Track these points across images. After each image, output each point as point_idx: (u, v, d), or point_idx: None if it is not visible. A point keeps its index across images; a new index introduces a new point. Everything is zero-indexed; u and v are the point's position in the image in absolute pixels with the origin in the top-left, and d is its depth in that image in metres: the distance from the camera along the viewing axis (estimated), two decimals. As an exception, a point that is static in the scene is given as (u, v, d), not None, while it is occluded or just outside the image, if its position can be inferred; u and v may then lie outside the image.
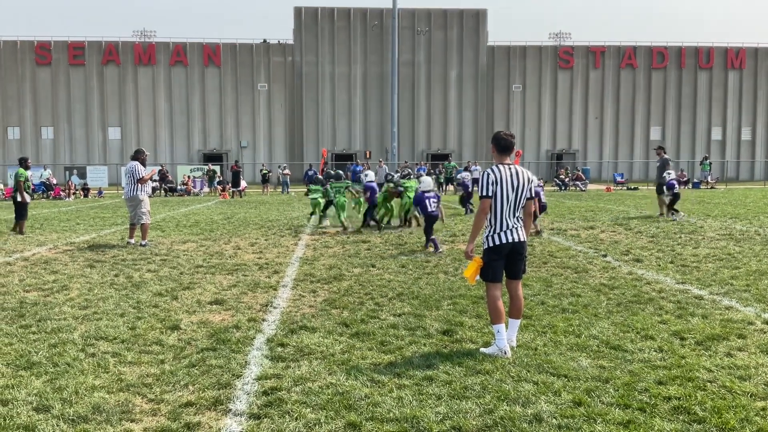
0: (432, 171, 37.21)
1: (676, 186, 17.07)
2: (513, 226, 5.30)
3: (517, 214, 5.33)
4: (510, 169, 5.29)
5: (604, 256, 10.38)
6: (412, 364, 4.93)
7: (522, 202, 5.31)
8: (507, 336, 5.25)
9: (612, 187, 38.15)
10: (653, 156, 53.85)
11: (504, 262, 5.35)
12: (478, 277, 5.38)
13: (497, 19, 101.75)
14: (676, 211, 16.76)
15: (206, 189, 36.52)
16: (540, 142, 54.57)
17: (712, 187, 39.27)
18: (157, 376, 4.73)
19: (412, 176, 16.01)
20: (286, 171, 38.00)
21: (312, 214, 17.02)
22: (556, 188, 37.88)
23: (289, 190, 36.39)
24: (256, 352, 5.28)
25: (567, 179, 38.57)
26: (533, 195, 5.44)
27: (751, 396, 4.26)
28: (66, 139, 51.40)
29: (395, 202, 15.73)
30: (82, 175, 40.13)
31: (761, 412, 3.99)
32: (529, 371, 4.75)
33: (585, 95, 54.47)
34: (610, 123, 54.73)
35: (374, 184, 15.45)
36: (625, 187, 39.71)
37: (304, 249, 11.55)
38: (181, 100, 52.18)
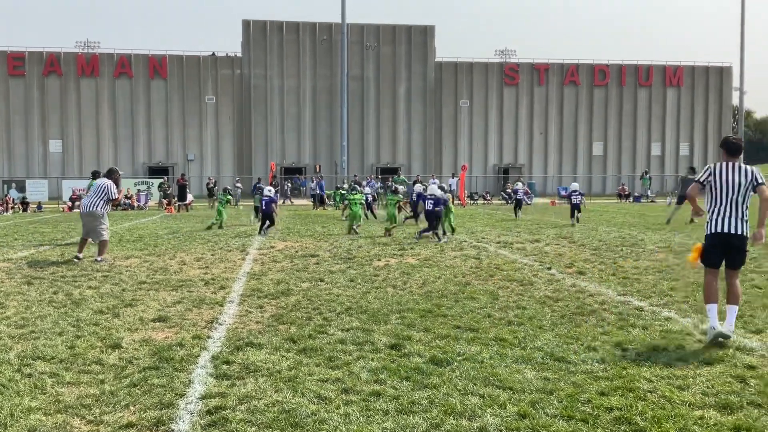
0: (383, 184, 37.33)
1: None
2: (730, 218, 5.84)
3: (737, 208, 5.85)
4: (731, 165, 5.90)
5: (549, 268, 10.57)
6: (360, 380, 4.91)
7: (742, 198, 5.86)
8: (727, 321, 5.86)
9: (556, 201, 38.99)
10: (596, 170, 55.44)
11: (721, 251, 5.92)
12: (698, 261, 6.10)
13: (445, 36, 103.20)
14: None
15: (150, 203, 35.75)
16: (487, 156, 55.44)
17: (652, 201, 40.54)
18: (97, 396, 4.59)
19: (357, 190, 16.68)
20: (238, 184, 37.64)
21: (352, 223, 17.59)
22: (503, 202, 38.47)
23: (239, 203, 36.01)
24: (201, 371, 5.17)
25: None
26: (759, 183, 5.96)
27: (689, 405, 4.39)
28: (4, 152, 49.70)
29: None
30: (21, 188, 38.86)
31: (699, 421, 4.11)
32: (475, 384, 4.79)
33: (530, 111, 55.68)
34: (554, 138, 56.04)
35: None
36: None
37: (252, 264, 11.42)
38: (125, 112, 51.13)
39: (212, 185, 36.95)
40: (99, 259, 11.76)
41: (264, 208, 17.51)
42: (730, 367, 5.17)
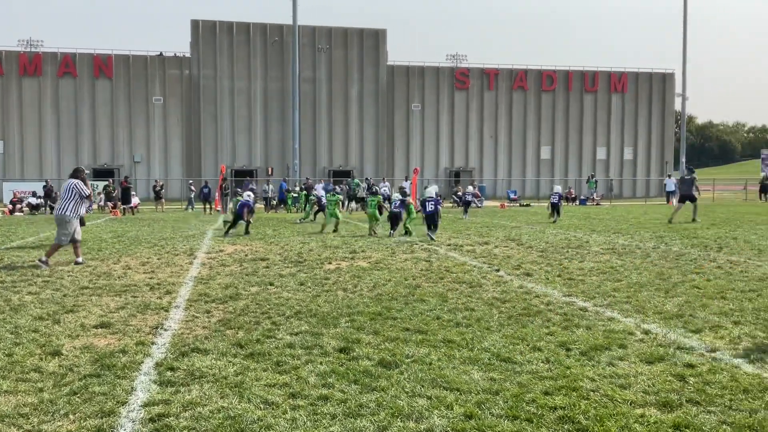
0: (336, 187, 37.18)
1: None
2: None
3: None
4: None
5: (497, 270, 10.71)
6: (308, 384, 4.88)
7: None
8: None
9: (506, 204, 39.55)
10: (544, 174, 56.49)
11: None
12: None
13: (396, 40, 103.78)
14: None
15: (94, 207, 34.78)
16: (439, 159, 55.89)
17: (597, 204, 41.51)
18: (35, 405, 4.44)
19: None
20: (192, 187, 37.01)
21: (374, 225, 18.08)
22: (454, 204, 38.79)
23: (192, 207, 35.43)
24: (144, 377, 5.05)
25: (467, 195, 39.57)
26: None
27: (630, 404, 4.49)
28: (-61, 153, 47.73)
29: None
30: (-42, 191, 37.31)
31: (640, 419, 4.21)
32: (423, 386, 4.81)
33: (480, 115, 56.37)
34: (503, 142, 56.86)
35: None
36: (518, 204, 41.39)
37: (200, 268, 11.23)
38: (69, 112, 49.72)
39: (159, 188, 36.18)
40: (43, 259, 11.45)
41: (237, 209, 18.55)
42: (670, 366, 5.32)
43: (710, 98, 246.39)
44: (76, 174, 12.32)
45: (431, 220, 16.08)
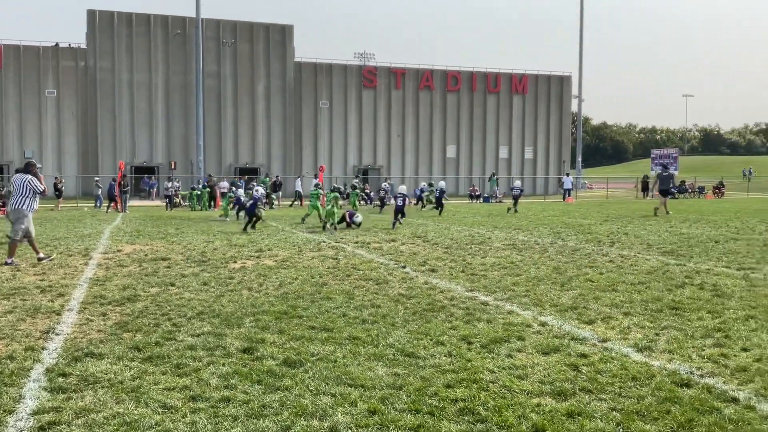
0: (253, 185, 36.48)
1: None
2: None
3: None
4: None
5: (403, 267, 10.85)
6: (209, 386, 4.76)
7: None
8: None
9: (413, 202, 40.06)
10: (449, 172, 57.65)
11: None
12: None
13: (304, 37, 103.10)
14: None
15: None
16: (347, 157, 55.96)
17: (499, 202, 42.80)
18: None
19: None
20: (99, 184, 35.24)
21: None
22: (363, 202, 38.93)
23: (100, 205, 33.61)
24: (33, 384, 4.78)
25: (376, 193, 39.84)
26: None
27: (527, 393, 4.66)
28: None
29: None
30: None
31: (536, 408, 4.37)
32: (327, 384, 4.80)
33: (388, 113, 56.89)
34: (411, 140, 57.64)
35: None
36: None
37: (95, 269, 10.74)
38: (-50, 104, 46.29)
39: (61, 185, 34.25)
40: (8, 261, 11.31)
41: (248, 208, 19.05)
42: (565, 356, 5.56)
43: (605, 100, 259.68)
44: (28, 169, 11.92)
45: (399, 211, 19.66)
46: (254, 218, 18.65)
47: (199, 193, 33.07)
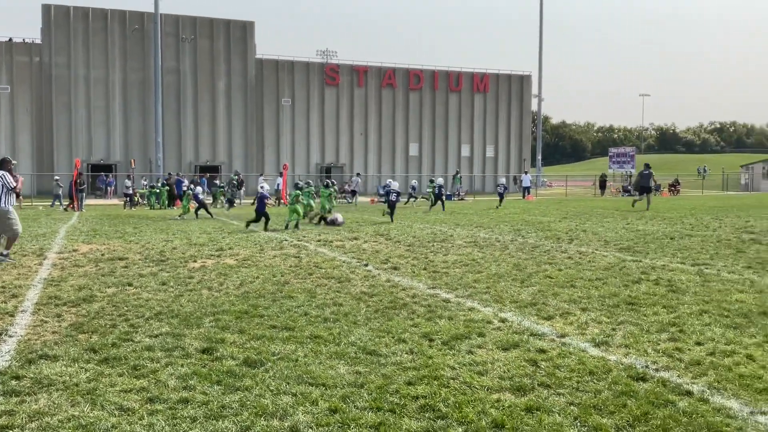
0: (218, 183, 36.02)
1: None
2: None
3: None
4: None
5: (366, 265, 10.85)
6: (167, 387, 4.69)
7: None
8: None
9: (375, 199, 40.12)
10: (412, 170, 57.80)
11: None
12: None
13: (266, 34, 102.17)
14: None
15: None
16: (309, 155, 55.72)
17: (461, 199, 43.12)
18: None
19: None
20: (60, 183, 34.30)
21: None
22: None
23: (61, 203, 32.61)
24: (-17, 389, 4.64)
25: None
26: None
27: (487, 389, 4.70)
28: None
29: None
30: None
31: (496, 404, 4.41)
32: (288, 383, 4.77)
33: (351, 111, 56.81)
34: (373, 139, 57.68)
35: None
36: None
37: (50, 269, 10.48)
38: None
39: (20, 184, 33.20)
40: (5, 253, 11.31)
41: (258, 207, 18.28)
42: (524, 352, 5.62)
43: (564, 100, 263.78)
44: (2, 165, 11.67)
45: (392, 207, 21.50)
46: (266, 218, 18.10)
47: (158, 191, 32.55)
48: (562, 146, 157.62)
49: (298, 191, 19.44)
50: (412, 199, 34.13)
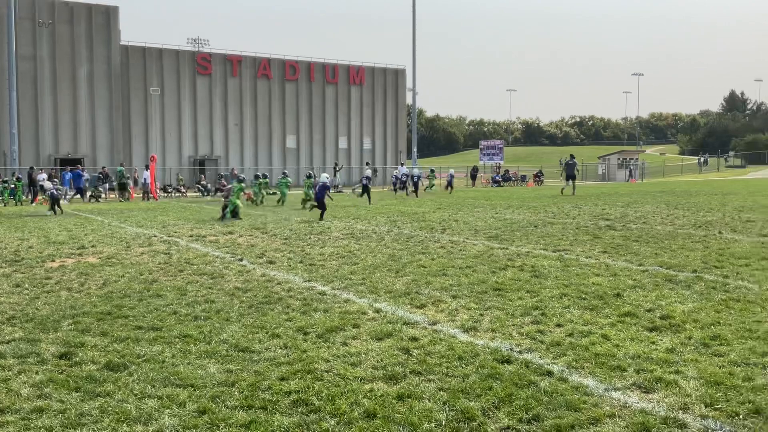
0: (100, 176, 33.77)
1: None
2: None
3: None
4: None
5: (240, 260, 10.62)
6: (20, 397, 4.36)
7: None
8: None
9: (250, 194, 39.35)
10: (290, 162, 57.28)
11: None
12: None
13: (132, 20, 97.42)
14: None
15: None
16: (182, 147, 53.69)
17: (339, 191, 43.25)
18: None
19: None
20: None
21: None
22: (199, 194, 37.67)
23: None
24: None
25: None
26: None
27: (360, 380, 4.74)
28: None
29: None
30: None
31: (369, 394, 4.45)
32: (154, 386, 4.57)
33: (224, 102, 55.28)
34: (249, 130, 56.49)
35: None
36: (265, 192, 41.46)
37: None
38: None
39: None
40: None
41: (317, 194, 19.07)
42: (397, 341, 5.72)
43: (437, 93, 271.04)
44: None
45: (366, 191, 26.17)
46: (322, 207, 18.75)
47: (14, 185, 30.18)
48: (436, 139, 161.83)
49: (242, 184, 20.19)
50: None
